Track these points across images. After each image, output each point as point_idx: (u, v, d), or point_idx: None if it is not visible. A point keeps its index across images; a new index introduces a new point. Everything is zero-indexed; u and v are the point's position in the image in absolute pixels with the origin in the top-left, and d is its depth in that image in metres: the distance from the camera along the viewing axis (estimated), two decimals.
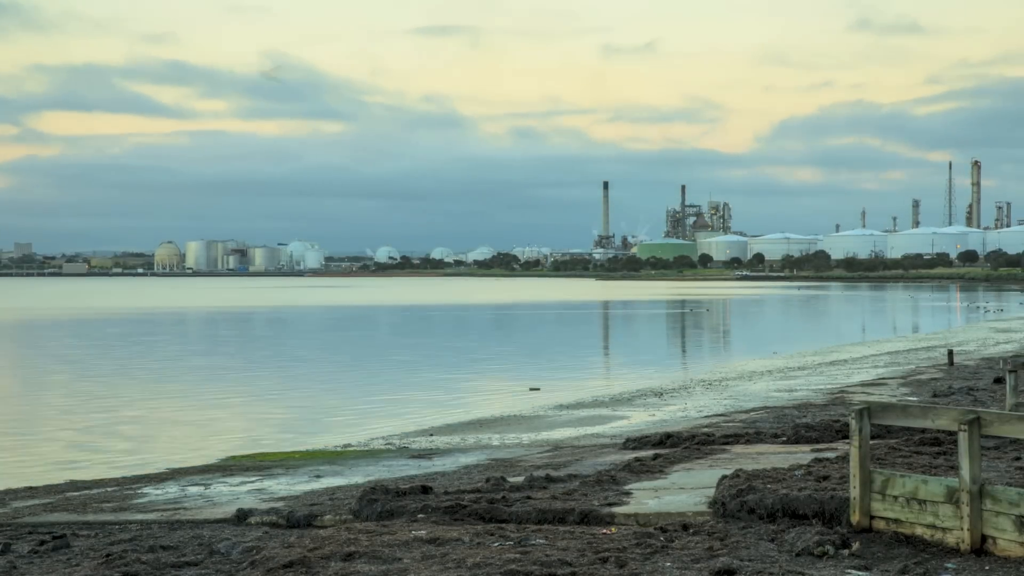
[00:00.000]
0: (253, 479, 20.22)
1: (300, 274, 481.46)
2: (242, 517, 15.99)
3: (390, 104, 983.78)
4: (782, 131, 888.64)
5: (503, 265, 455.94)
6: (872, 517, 13.19)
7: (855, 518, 13.24)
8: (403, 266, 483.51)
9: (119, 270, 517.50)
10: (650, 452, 20.76)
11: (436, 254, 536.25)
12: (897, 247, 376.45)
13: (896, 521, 12.97)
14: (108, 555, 13.34)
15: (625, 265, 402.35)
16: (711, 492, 15.32)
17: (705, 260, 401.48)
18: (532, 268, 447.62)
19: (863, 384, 36.87)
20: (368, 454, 24.27)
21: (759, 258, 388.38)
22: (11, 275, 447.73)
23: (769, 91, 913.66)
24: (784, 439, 21.44)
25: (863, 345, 60.89)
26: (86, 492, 19.38)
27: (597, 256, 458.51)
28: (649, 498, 15.50)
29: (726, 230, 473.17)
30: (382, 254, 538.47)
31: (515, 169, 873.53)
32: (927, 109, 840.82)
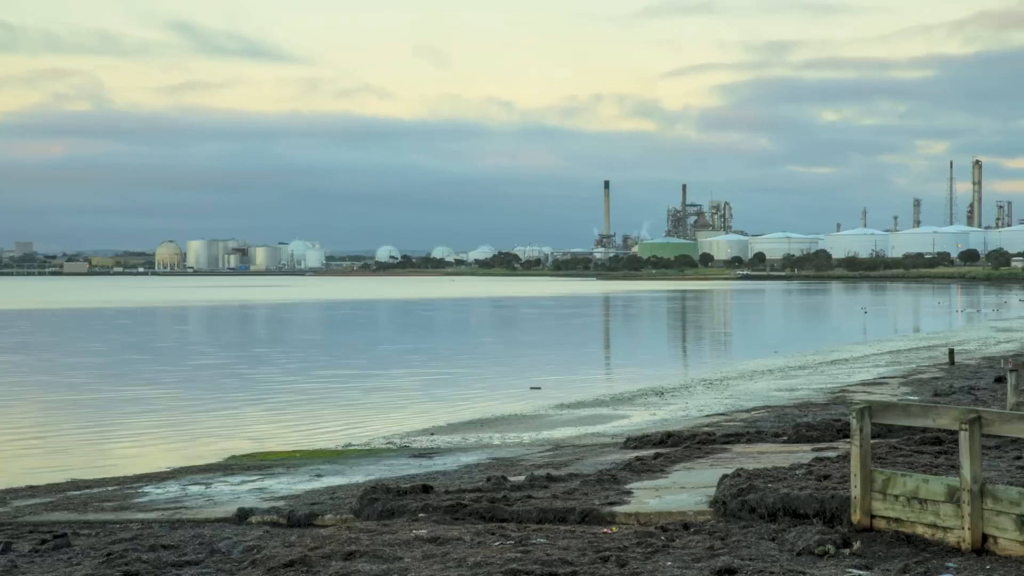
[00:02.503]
0: (254, 478, 20.22)
1: (301, 273, 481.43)
2: (243, 516, 16.00)
3: None
4: None
5: (504, 264, 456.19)
6: (873, 516, 13.18)
7: (856, 517, 13.23)
8: (404, 265, 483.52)
9: (120, 269, 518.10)
10: (651, 451, 20.77)
11: (437, 253, 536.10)
12: (898, 246, 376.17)
13: (897, 520, 12.97)
14: (109, 554, 13.35)
15: (626, 264, 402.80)
16: (712, 491, 15.31)
17: (706, 259, 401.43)
18: (533, 267, 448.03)
19: (864, 383, 36.86)
20: (369, 453, 24.27)
21: (760, 257, 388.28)
22: (12, 274, 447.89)
23: None
24: (785, 438, 21.44)
25: (864, 344, 60.88)
26: (87, 491, 19.38)
27: (598, 255, 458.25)
28: (650, 497, 15.50)
29: (727, 229, 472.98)
30: (383, 253, 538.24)
31: None
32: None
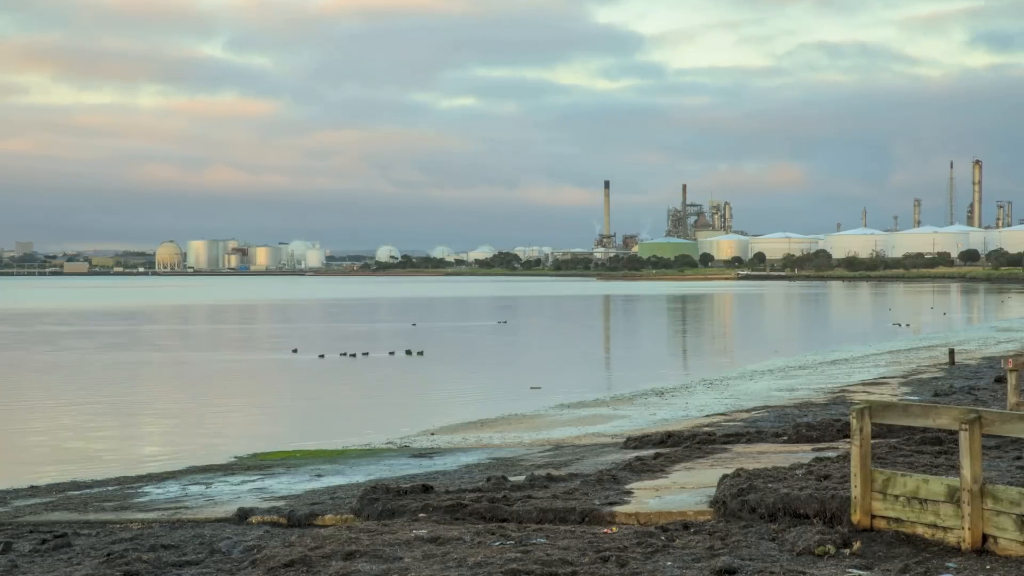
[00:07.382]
0: (254, 478, 20.22)
1: (301, 273, 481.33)
2: (243, 516, 16.01)
3: None
4: None
5: (504, 264, 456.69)
6: (873, 516, 13.19)
7: (856, 517, 13.24)
8: (404, 265, 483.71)
9: (120, 269, 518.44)
10: (651, 451, 20.76)
11: (437, 253, 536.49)
12: (899, 246, 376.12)
13: (897, 520, 12.97)
14: (109, 554, 13.35)
15: (626, 264, 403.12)
16: (712, 491, 15.32)
17: (706, 259, 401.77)
18: (533, 267, 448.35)
19: (864, 383, 36.84)
20: (369, 453, 24.27)
21: (760, 257, 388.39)
22: (12, 275, 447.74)
23: None
24: (785, 438, 21.44)
25: (864, 344, 60.85)
26: (87, 491, 19.39)
27: (598, 255, 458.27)
28: (650, 497, 15.50)
29: (727, 229, 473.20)
30: (383, 253, 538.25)
31: None
32: None
